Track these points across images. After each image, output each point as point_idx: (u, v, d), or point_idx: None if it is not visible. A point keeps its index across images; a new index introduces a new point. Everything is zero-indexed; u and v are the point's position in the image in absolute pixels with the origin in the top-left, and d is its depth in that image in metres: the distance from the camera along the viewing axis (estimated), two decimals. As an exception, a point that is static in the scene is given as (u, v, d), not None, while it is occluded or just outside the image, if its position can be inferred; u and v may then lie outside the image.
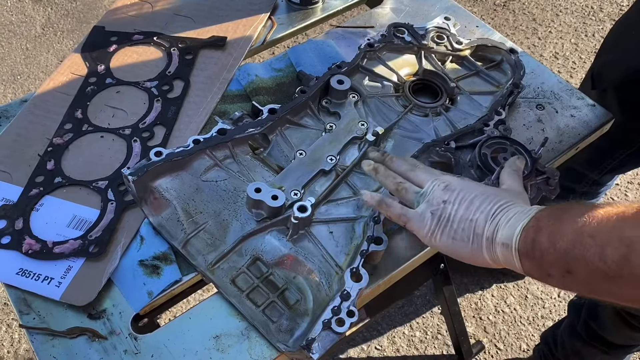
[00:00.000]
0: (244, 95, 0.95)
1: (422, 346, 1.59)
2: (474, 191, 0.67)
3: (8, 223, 0.78)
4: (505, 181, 0.73)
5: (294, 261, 0.74)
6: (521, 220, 0.61)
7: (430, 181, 0.71)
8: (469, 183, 0.69)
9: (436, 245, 0.68)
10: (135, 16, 1.07)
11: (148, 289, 0.74)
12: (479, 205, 0.65)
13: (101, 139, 0.89)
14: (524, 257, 0.60)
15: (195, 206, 0.78)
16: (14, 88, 2.12)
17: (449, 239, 0.66)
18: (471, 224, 0.65)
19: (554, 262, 0.56)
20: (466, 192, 0.67)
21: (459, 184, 0.69)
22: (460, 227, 0.65)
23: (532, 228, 0.59)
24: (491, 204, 0.65)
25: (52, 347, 0.70)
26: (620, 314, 1.16)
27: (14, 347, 1.54)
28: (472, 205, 0.66)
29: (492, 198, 0.66)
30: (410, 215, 0.70)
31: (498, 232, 0.62)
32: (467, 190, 0.67)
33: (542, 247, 0.57)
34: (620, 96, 1.02)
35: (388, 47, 0.96)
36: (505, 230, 0.61)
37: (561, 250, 0.55)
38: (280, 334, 0.70)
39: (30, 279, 0.74)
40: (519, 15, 2.38)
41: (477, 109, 0.91)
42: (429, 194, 0.69)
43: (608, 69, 1.08)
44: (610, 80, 1.05)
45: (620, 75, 1.04)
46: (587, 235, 0.53)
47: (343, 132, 0.85)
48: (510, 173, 0.74)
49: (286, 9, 1.10)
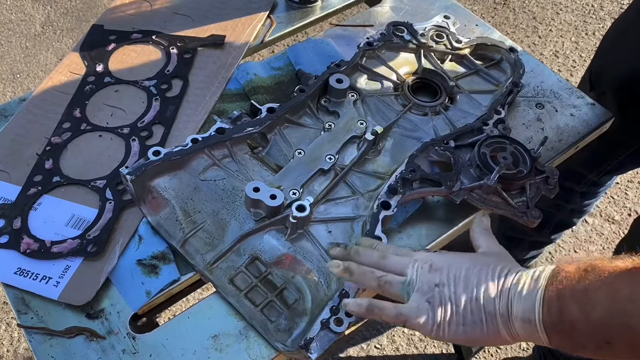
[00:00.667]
0: (243, 94, 0.95)
1: (422, 345, 1.59)
2: (462, 265, 0.62)
3: (6, 222, 0.78)
4: (482, 244, 0.68)
5: (293, 261, 0.74)
6: (537, 289, 0.56)
7: (410, 266, 0.64)
8: (451, 257, 0.64)
9: (446, 338, 0.61)
10: (134, 15, 1.06)
11: (146, 288, 0.74)
12: (477, 280, 0.60)
13: (99, 138, 0.89)
14: (551, 330, 0.55)
15: (193, 205, 0.77)
16: (14, 87, 2.12)
17: (459, 327, 0.60)
18: (479, 303, 0.59)
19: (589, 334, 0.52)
20: (455, 268, 0.62)
21: (443, 261, 0.63)
22: (467, 309, 0.59)
23: (555, 297, 0.54)
24: (490, 274, 0.60)
25: (50, 347, 0.70)
26: None
27: (14, 346, 1.55)
28: (469, 282, 0.60)
29: (485, 268, 0.61)
30: (407, 313, 0.62)
31: (513, 306, 0.57)
32: (454, 265, 0.62)
33: (573, 318, 0.52)
34: (619, 98, 1.01)
35: (387, 45, 0.96)
36: (523, 303, 0.56)
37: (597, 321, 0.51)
38: (278, 334, 0.70)
39: (28, 278, 0.74)
40: (519, 13, 2.38)
41: (477, 108, 0.91)
42: (417, 281, 0.63)
43: (606, 71, 1.08)
44: (608, 83, 1.05)
45: (619, 77, 1.03)
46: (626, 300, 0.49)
47: (342, 131, 0.85)
48: (482, 233, 0.70)
49: (285, 7, 1.10)
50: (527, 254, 1.61)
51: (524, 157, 0.80)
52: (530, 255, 1.62)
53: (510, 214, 0.79)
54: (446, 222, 0.82)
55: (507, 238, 1.56)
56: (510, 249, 1.69)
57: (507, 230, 1.55)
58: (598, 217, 1.86)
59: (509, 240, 1.56)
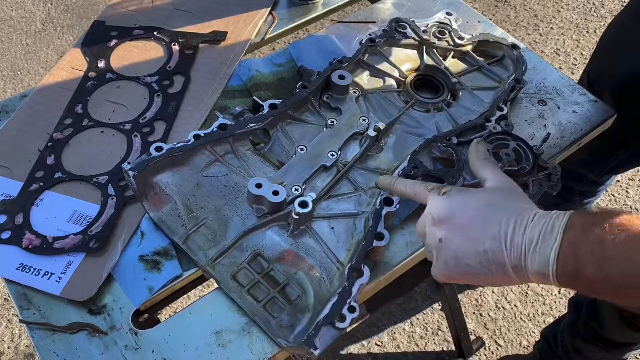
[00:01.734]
0: (245, 90, 0.95)
1: (423, 342, 1.59)
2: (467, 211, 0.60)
3: (8, 218, 0.78)
4: (487, 176, 0.66)
5: (295, 257, 0.74)
6: (550, 245, 0.55)
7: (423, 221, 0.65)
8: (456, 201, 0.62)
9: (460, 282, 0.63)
10: (135, 11, 1.06)
11: (148, 284, 0.74)
12: (482, 230, 0.58)
13: (101, 134, 0.88)
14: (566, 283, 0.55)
15: (195, 201, 0.77)
16: (14, 83, 2.11)
17: (469, 277, 0.60)
18: (486, 256, 0.58)
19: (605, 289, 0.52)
20: (460, 216, 0.60)
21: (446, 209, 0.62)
22: (475, 262, 0.59)
23: (570, 256, 0.53)
24: (499, 222, 0.58)
25: (53, 342, 0.70)
26: (622, 314, 1.16)
27: (14, 343, 1.55)
28: (473, 233, 0.59)
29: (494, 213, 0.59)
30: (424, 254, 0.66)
31: (526, 260, 0.56)
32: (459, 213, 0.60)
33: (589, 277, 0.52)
34: (618, 100, 1.01)
35: (389, 42, 0.96)
36: (537, 259, 0.55)
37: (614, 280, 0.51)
38: (281, 330, 0.70)
39: (30, 274, 0.74)
40: (520, 11, 2.38)
41: (479, 104, 0.91)
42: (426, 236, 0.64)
43: (604, 74, 1.08)
44: (607, 85, 1.05)
45: (617, 80, 1.03)
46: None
47: (344, 127, 0.85)
48: (483, 163, 0.68)
49: (287, 4, 1.09)
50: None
51: (526, 154, 0.80)
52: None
53: (513, 210, 0.78)
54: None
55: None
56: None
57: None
58: (599, 215, 1.86)
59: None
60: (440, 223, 0.62)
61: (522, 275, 0.57)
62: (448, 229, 0.61)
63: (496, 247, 0.57)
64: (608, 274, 0.51)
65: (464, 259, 0.59)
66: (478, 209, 0.60)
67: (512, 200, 0.61)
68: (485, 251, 0.58)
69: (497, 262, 0.57)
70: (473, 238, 0.59)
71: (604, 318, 1.22)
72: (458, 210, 0.61)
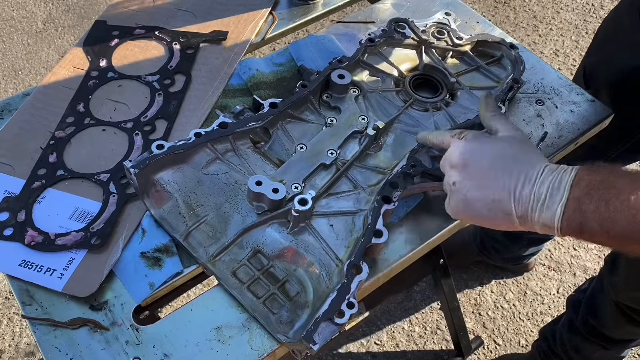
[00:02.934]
0: (245, 89, 0.96)
1: (422, 341, 1.60)
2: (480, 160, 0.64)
3: (10, 215, 0.79)
4: (499, 127, 0.69)
5: (295, 254, 0.75)
6: (557, 201, 0.58)
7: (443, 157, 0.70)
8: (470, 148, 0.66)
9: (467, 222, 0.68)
10: (136, 10, 1.07)
11: (150, 280, 0.75)
12: (494, 180, 0.62)
13: (103, 132, 0.89)
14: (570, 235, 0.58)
15: (196, 199, 0.78)
16: (15, 83, 2.12)
17: (477, 219, 0.65)
18: (495, 204, 0.62)
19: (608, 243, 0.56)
20: (472, 164, 0.64)
21: (460, 155, 0.66)
22: (484, 208, 0.62)
23: (576, 212, 0.57)
24: (507, 177, 0.61)
25: (55, 338, 0.70)
26: (620, 308, 1.17)
27: (15, 341, 1.55)
28: (485, 182, 0.62)
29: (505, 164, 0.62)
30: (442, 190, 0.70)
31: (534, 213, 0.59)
32: (472, 160, 0.64)
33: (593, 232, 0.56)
34: (613, 96, 1.02)
35: (389, 42, 0.96)
36: (543, 213, 0.59)
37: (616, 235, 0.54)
38: (280, 326, 0.70)
39: (32, 270, 0.74)
40: (519, 12, 2.39)
41: (477, 104, 0.91)
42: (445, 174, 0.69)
43: (600, 70, 1.08)
44: (602, 81, 1.06)
45: (612, 75, 1.04)
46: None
47: (344, 126, 0.85)
48: (494, 116, 0.71)
49: (287, 4, 1.10)
50: (526, 250, 1.62)
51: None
52: (530, 252, 1.63)
53: (510, 208, 0.79)
54: (447, 216, 0.82)
55: (507, 234, 1.57)
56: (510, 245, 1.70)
57: (506, 227, 1.55)
58: (597, 215, 1.87)
59: (509, 237, 1.57)
60: (455, 168, 0.66)
61: (528, 224, 0.61)
62: (461, 174, 0.65)
63: (505, 197, 0.61)
64: (611, 230, 0.54)
65: (474, 204, 0.63)
66: (491, 158, 0.64)
67: (523, 152, 0.64)
68: (494, 200, 0.61)
69: (505, 211, 0.61)
70: (484, 186, 0.62)
71: (602, 314, 1.23)
72: (472, 157, 0.65)
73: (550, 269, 1.76)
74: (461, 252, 1.69)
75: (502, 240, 1.59)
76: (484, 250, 1.66)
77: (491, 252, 1.65)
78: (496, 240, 1.61)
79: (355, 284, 0.70)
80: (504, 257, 1.66)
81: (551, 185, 0.59)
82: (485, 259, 1.69)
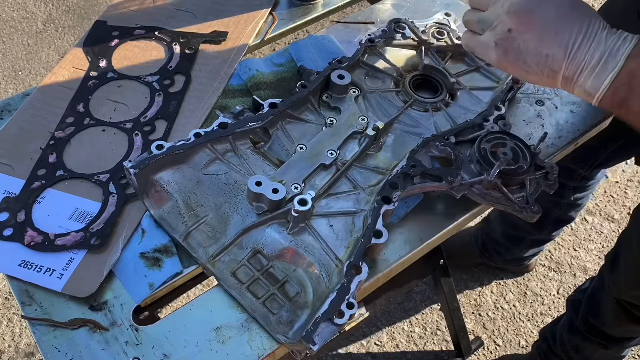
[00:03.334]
0: (245, 89, 0.96)
1: (422, 342, 1.59)
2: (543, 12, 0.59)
3: (10, 215, 0.79)
4: None
5: (294, 254, 0.75)
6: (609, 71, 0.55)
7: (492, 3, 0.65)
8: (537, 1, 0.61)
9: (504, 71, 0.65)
10: (136, 11, 1.07)
11: (149, 280, 0.75)
12: (554, 35, 0.59)
13: (103, 132, 0.89)
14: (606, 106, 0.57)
15: (196, 199, 0.78)
16: (15, 84, 2.12)
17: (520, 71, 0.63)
18: (547, 60, 0.59)
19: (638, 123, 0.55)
20: (537, 15, 0.60)
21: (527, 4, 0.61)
22: (533, 61, 0.60)
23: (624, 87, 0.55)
24: (568, 33, 0.58)
25: (54, 338, 0.70)
26: (621, 305, 1.17)
27: (15, 342, 1.55)
28: (544, 35, 0.59)
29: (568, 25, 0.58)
30: (473, 45, 0.66)
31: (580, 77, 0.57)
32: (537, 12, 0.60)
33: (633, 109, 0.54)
34: None
35: (388, 42, 0.96)
36: (591, 80, 0.56)
37: None
38: (280, 326, 0.70)
39: (32, 270, 0.74)
40: (519, 13, 2.38)
41: (477, 104, 0.92)
42: (495, 19, 0.63)
43: None
44: None
45: None
46: None
47: (343, 126, 0.85)
48: None
49: (287, 4, 1.10)
50: (528, 251, 1.62)
51: (524, 153, 0.81)
52: (531, 253, 1.63)
53: (510, 209, 0.79)
54: (447, 217, 0.83)
55: (508, 236, 1.57)
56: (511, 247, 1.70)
57: (508, 228, 1.56)
58: (597, 216, 1.87)
59: (510, 239, 1.58)
60: (516, 14, 0.62)
61: (569, 87, 0.59)
62: (522, 22, 0.61)
63: (559, 55, 0.58)
64: None
65: (526, 56, 0.60)
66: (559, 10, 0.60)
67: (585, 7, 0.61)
68: (547, 55, 0.59)
69: (552, 69, 0.59)
70: (542, 39, 0.59)
71: (603, 311, 1.23)
72: (539, 7, 0.61)
73: (551, 270, 1.76)
74: (462, 254, 1.70)
75: (503, 242, 1.59)
76: (485, 252, 1.67)
77: (492, 254, 1.65)
78: (498, 243, 1.61)
79: (354, 284, 0.70)
80: (505, 258, 1.66)
81: (607, 50, 0.57)
82: (486, 260, 1.70)
